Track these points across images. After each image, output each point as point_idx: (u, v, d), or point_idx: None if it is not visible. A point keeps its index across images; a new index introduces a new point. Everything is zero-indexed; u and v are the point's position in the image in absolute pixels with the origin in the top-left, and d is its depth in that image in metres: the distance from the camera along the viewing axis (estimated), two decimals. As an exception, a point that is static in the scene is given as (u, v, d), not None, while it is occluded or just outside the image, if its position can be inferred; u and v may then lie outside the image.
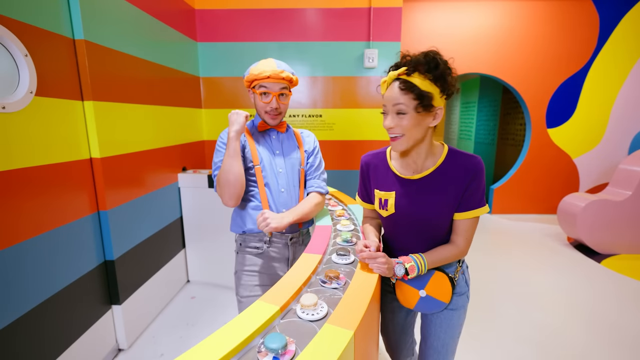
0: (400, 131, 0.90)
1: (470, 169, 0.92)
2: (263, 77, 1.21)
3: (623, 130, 4.23)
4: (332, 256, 1.05)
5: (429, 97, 0.86)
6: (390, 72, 0.91)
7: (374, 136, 3.16)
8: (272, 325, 0.70)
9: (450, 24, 4.05)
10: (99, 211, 1.76)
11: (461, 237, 0.97)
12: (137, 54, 2.02)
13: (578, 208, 3.28)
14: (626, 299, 2.47)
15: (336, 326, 0.65)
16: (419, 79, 0.86)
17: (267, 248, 1.29)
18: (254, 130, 1.34)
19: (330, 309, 0.75)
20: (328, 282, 0.87)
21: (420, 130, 0.90)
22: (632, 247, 3.28)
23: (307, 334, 0.66)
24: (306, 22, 2.98)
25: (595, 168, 4.35)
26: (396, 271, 0.94)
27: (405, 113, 0.88)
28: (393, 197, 1.00)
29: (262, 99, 1.24)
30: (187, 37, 2.77)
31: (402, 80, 0.87)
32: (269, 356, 0.60)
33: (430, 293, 0.98)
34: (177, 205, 2.57)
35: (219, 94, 3.09)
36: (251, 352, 0.63)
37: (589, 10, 3.99)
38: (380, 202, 1.04)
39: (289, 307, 0.77)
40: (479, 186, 0.93)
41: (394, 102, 0.88)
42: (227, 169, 1.18)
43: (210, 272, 2.67)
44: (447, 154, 0.96)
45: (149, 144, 2.16)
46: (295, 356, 0.60)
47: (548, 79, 4.17)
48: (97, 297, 1.77)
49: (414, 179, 0.98)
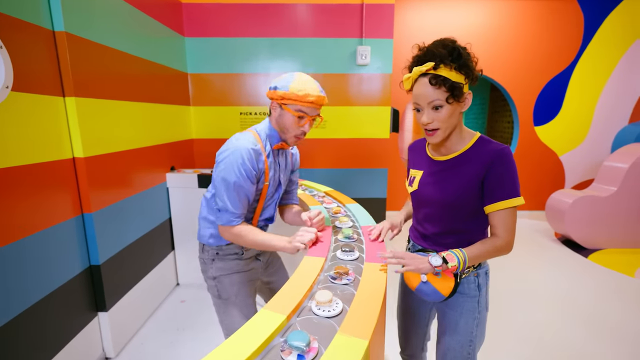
0: (437, 125, 0.92)
1: (492, 155, 0.91)
2: (306, 102, 1.08)
3: (606, 127, 4.34)
4: (337, 252, 1.05)
5: (459, 87, 0.88)
6: (415, 68, 0.90)
7: (367, 134, 3.14)
8: (281, 334, 0.65)
9: (439, 22, 4.06)
10: (83, 214, 1.67)
11: (500, 229, 0.93)
12: (122, 48, 1.93)
13: (566, 204, 3.34)
14: (612, 292, 2.53)
15: (350, 336, 0.61)
16: (446, 71, 0.86)
17: (246, 251, 1.26)
18: (270, 149, 1.19)
19: (345, 305, 0.76)
20: (338, 278, 0.88)
21: (454, 118, 0.93)
22: (617, 241, 3.37)
23: (327, 331, 0.66)
24: (298, 18, 2.92)
25: (580, 165, 4.46)
26: (432, 261, 0.91)
27: (441, 107, 0.89)
28: (420, 175, 1.06)
29: (296, 122, 1.11)
30: (174, 32, 2.67)
31: (432, 75, 0.87)
32: (294, 354, 0.59)
33: (430, 280, 0.97)
34: (166, 206, 2.48)
35: (208, 91, 3.00)
36: (273, 352, 0.61)
37: (574, 10, 4.07)
38: (409, 179, 1.11)
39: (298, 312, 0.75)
40: (504, 174, 0.91)
41: (429, 99, 0.89)
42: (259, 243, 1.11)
43: (200, 275, 2.58)
44: (477, 140, 0.97)
45: (135, 142, 2.07)
46: (319, 354, 0.60)
47: (535, 77, 4.23)
48: (82, 304, 1.68)
49: (441, 160, 1.01)
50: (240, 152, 1.06)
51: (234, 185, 1.06)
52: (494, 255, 0.94)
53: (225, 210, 1.09)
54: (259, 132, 1.17)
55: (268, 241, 1.12)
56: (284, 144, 1.19)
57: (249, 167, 1.07)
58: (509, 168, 0.91)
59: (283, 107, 1.11)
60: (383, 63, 2.99)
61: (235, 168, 1.05)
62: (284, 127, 1.14)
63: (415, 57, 0.92)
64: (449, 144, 0.99)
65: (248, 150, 1.07)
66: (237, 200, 1.08)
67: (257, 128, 1.19)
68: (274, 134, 1.18)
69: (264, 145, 1.15)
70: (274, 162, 1.20)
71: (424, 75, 0.89)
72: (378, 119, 3.11)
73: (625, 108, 4.32)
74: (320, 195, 1.91)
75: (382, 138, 3.15)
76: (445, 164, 1.00)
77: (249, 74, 2.99)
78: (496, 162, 0.90)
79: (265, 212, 1.27)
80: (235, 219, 1.10)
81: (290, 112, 1.10)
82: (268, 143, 1.17)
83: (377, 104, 3.08)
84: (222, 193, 1.08)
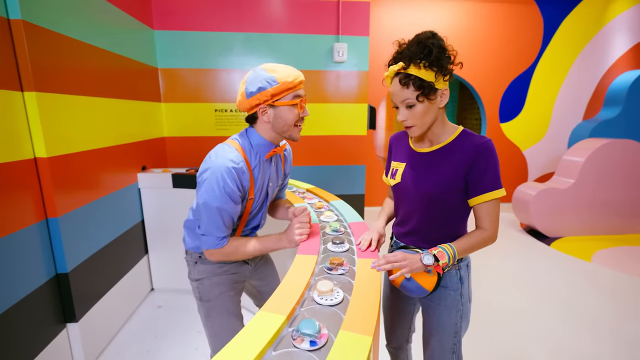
0: (412, 122, 0.94)
1: (476, 148, 0.92)
2: (298, 84, 1.01)
3: (563, 124, 4.66)
4: (328, 245, 1.08)
5: (429, 85, 0.89)
6: (390, 67, 0.93)
7: (344, 131, 3.15)
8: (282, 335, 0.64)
9: (412, 22, 4.15)
10: (48, 218, 1.54)
11: (485, 221, 0.95)
12: (87, 40, 1.79)
13: (530, 196, 3.55)
14: (572, 276, 2.74)
15: (353, 332, 0.61)
16: (416, 70, 0.88)
17: None
18: (257, 162, 1.09)
19: (346, 294, 0.79)
20: (334, 269, 0.91)
21: (431, 115, 0.94)
22: (576, 229, 3.64)
23: (332, 319, 0.69)
24: (273, 12, 2.86)
25: (541, 159, 4.76)
26: (424, 260, 0.91)
27: (414, 105, 0.92)
28: (402, 168, 1.06)
29: (295, 110, 1.02)
30: (142, 24, 2.53)
31: (402, 75, 0.90)
32: (306, 342, 0.61)
33: (413, 276, 0.98)
34: (138, 208, 2.36)
35: (180, 87, 2.87)
36: (284, 341, 0.63)
37: (534, 13, 4.32)
38: (392, 172, 1.10)
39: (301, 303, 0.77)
40: (487, 167, 0.92)
41: (400, 98, 0.92)
42: (253, 252, 1.08)
43: (176, 278, 2.48)
44: (460, 133, 0.99)
45: (103, 141, 1.94)
46: (329, 340, 0.62)
47: (501, 76, 4.46)
48: (49, 315, 1.56)
49: (424, 151, 1.03)
50: (222, 173, 0.95)
51: (217, 210, 0.98)
52: (481, 247, 0.96)
53: (209, 234, 1.02)
54: (242, 146, 1.05)
55: (262, 248, 1.09)
56: (276, 149, 1.10)
57: (232, 188, 0.97)
58: (492, 161, 0.92)
59: (276, 104, 1.01)
60: (360, 60, 3.01)
61: (217, 191, 0.96)
62: (285, 124, 1.03)
63: (393, 55, 0.94)
64: (431, 136, 1.00)
65: (229, 169, 0.96)
66: (221, 224, 1.01)
67: (239, 140, 1.07)
68: (264, 142, 1.07)
69: (248, 160, 1.05)
70: (261, 173, 1.10)
71: (397, 74, 0.92)
72: (355, 116, 3.14)
73: (580, 105, 4.66)
74: (300, 191, 1.90)
75: (359, 135, 3.18)
76: (428, 155, 1.01)
77: (224, 69, 2.90)
78: (480, 156, 0.91)
79: (251, 223, 1.21)
80: (220, 242, 1.03)
81: (287, 104, 1.01)
82: (254, 155, 1.07)
83: (354, 101, 3.10)
84: (204, 218, 1.00)
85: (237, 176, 0.98)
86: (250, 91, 0.99)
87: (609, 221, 3.65)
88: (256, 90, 0.98)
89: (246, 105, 1.02)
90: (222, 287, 1.19)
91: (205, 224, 1.01)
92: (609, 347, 1.87)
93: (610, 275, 2.75)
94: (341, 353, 0.56)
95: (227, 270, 1.20)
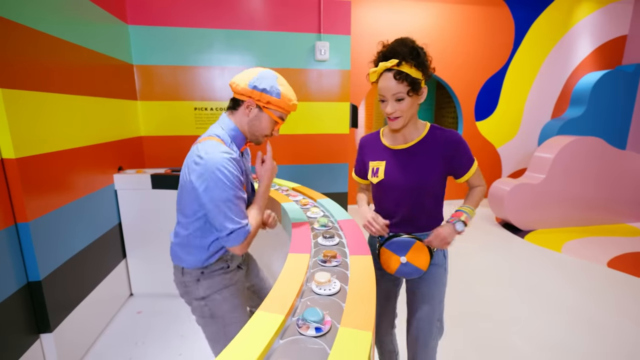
0: (399, 114, 1.04)
1: (452, 141, 1.10)
2: (291, 109, 1.08)
3: (534, 122, 4.90)
4: (319, 239, 1.10)
5: (418, 82, 1.01)
6: (381, 63, 1.01)
7: (327, 130, 3.16)
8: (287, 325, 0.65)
9: (391, 23, 4.21)
10: (17, 223, 1.44)
11: (478, 181, 1.17)
12: (56, 34, 1.69)
13: (505, 192, 3.70)
14: (544, 266, 2.89)
15: (353, 328, 0.62)
16: (407, 68, 0.99)
17: (231, 263, 1.15)
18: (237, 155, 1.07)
19: (342, 284, 0.83)
20: (328, 261, 0.94)
21: (414, 108, 1.07)
22: (547, 222, 3.83)
23: (332, 307, 0.73)
24: (255, 9, 2.82)
25: (514, 156, 4.98)
26: (457, 228, 1.08)
27: (403, 99, 1.02)
28: (383, 166, 1.15)
29: (272, 126, 1.09)
30: (116, 18, 2.42)
31: (397, 71, 0.99)
32: (312, 328, 0.64)
33: (410, 260, 1.11)
34: (115, 211, 2.26)
35: (157, 84, 2.77)
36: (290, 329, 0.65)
37: (506, 16, 4.50)
38: (372, 171, 1.18)
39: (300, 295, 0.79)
40: (464, 152, 1.12)
41: (393, 91, 1.01)
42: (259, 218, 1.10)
43: (156, 282, 2.40)
44: (430, 128, 1.14)
45: (76, 141, 1.84)
46: (333, 326, 0.66)
47: (476, 76, 4.61)
48: (20, 327, 1.46)
49: (402, 148, 1.13)
50: (222, 165, 0.94)
51: (234, 198, 0.97)
52: (483, 197, 1.19)
53: (236, 228, 0.98)
54: (222, 138, 1.04)
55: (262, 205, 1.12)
56: (247, 144, 1.13)
57: (237, 175, 0.98)
58: (464, 145, 1.12)
59: (264, 109, 1.04)
60: (341, 59, 3.03)
61: (227, 181, 0.95)
62: (258, 128, 1.08)
63: (381, 53, 1.03)
64: (406, 132, 1.13)
65: (228, 159, 0.96)
66: (240, 211, 1.00)
67: (217, 133, 1.05)
68: (239, 135, 1.08)
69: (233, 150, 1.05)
70: (243, 165, 1.10)
71: (389, 70, 1.00)
72: (337, 115, 3.15)
73: (548, 105, 4.91)
74: (284, 189, 1.90)
75: (341, 133, 3.19)
76: (407, 151, 1.13)
77: (203, 67, 2.83)
78: (456, 145, 1.10)
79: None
80: (248, 227, 1.01)
81: (272, 117, 1.06)
82: (234, 146, 1.06)
83: (337, 100, 3.11)
84: (226, 214, 0.96)
85: (235, 164, 0.98)
86: (255, 85, 1.02)
87: (577, 214, 3.87)
88: (261, 88, 1.02)
89: (241, 91, 1.03)
90: (232, 299, 1.12)
91: (229, 219, 0.97)
92: (576, 329, 1.99)
93: (579, 264, 2.92)
94: (344, 350, 0.56)
95: (231, 278, 1.14)
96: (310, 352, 0.59)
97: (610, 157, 3.76)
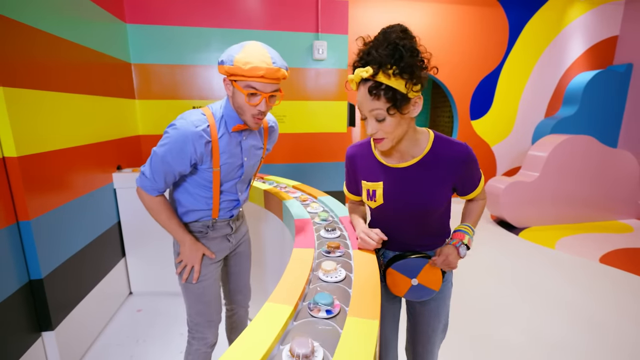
0: (382, 135, 0.85)
1: (461, 159, 0.91)
2: (254, 76, 0.95)
3: (528, 121, 4.97)
4: (321, 232, 1.13)
5: (402, 96, 0.79)
6: (356, 70, 0.80)
7: (324, 128, 3.18)
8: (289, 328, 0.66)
9: (387, 20, 4.21)
10: (19, 222, 1.45)
11: (481, 195, 1.06)
12: (56, 32, 1.69)
13: (500, 190, 3.76)
14: (538, 262, 2.96)
15: (360, 318, 0.64)
16: (386, 78, 0.77)
17: (212, 230, 1.22)
18: (225, 132, 1.08)
19: (348, 272, 0.86)
20: (332, 252, 0.97)
21: (403, 127, 0.86)
22: (540, 220, 3.90)
23: (339, 293, 0.76)
24: (252, 9, 2.83)
25: (508, 154, 5.04)
26: (461, 253, 0.97)
27: (384, 118, 0.82)
28: (381, 188, 0.96)
29: (248, 100, 0.99)
30: (114, 17, 2.41)
31: (372, 85, 0.78)
32: (323, 311, 0.68)
33: (422, 282, 0.99)
34: (114, 209, 2.26)
35: (156, 83, 2.77)
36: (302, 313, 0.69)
37: (500, 16, 4.56)
38: (368, 194, 0.99)
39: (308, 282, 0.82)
40: (474, 170, 0.97)
41: (369, 108, 0.82)
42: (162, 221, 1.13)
43: (155, 281, 2.41)
44: (434, 141, 0.93)
45: (76, 139, 1.84)
46: (342, 309, 0.70)
47: (471, 76, 4.67)
48: (23, 325, 1.47)
49: (402, 167, 0.94)
50: (181, 133, 0.99)
51: (161, 158, 1.02)
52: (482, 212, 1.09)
53: (144, 174, 1.07)
54: (214, 112, 1.07)
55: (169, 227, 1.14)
56: (241, 126, 1.08)
57: (185, 149, 1.01)
58: (475, 163, 0.96)
59: (233, 84, 1.00)
60: (339, 58, 3.05)
61: (169, 145, 1.01)
62: (238, 106, 1.03)
63: (358, 55, 0.82)
64: (403, 149, 0.92)
65: (190, 132, 0.99)
66: (159, 172, 1.05)
67: (212, 107, 1.09)
68: (232, 114, 1.07)
69: (217, 128, 1.05)
70: (232, 145, 1.10)
71: (365, 80, 0.80)
72: (335, 114, 3.17)
73: (542, 104, 4.98)
74: (282, 186, 1.92)
75: (339, 132, 3.22)
76: (407, 170, 0.93)
77: (201, 65, 2.84)
78: (466, 166, 0.93)
79: (226, 195, 1.20)
80: (151, 190, 1.08)
81: (240, 89, 0.98)
82: (224, 125, 1.07)
83: (334, 99, 3.14)
84: (149, 160, 1.06)
85: (194, 141, 1.00)
86: (220, 59, 1.00)
87: (570, 211, 3.94)
88: (220, 60, 1.00)
89: (220, 71, 1.02)
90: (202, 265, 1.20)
91: (147, 164, 1.07)
92: (570, 323, 2.04)
93: (573, 261, 2.98)
94: (353, 338, 0.59)
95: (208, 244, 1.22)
96: (323, 332, 0.63)
97: (602, 155, 3.84)
